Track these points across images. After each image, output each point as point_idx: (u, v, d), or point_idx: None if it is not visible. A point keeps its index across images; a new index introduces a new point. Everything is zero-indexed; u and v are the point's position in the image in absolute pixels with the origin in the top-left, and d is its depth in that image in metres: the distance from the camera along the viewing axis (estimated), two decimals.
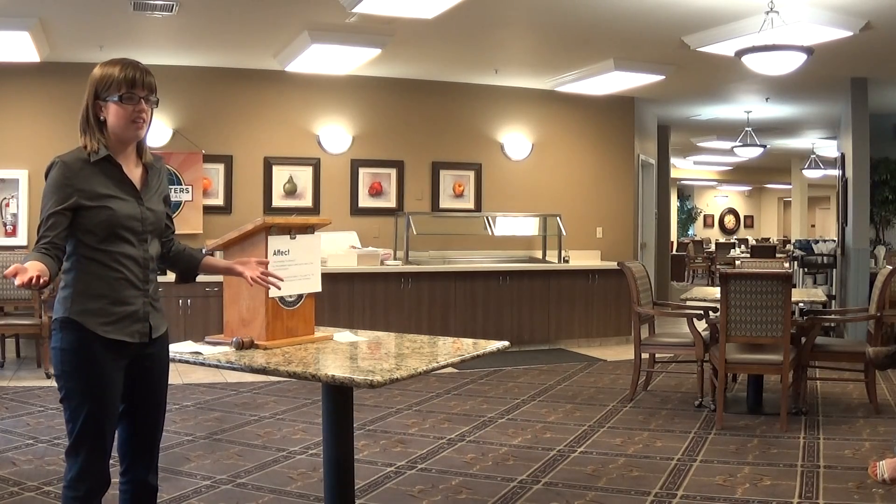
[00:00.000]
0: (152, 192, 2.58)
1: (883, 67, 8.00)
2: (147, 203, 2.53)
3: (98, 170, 2.44)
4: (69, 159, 2.43)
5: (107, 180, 2.45)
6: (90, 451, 2.41)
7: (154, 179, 2.60)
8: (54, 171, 2.42)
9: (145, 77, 2.48)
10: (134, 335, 2.48)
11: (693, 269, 19.01)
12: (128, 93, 2.44)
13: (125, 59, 2.49)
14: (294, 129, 8.59)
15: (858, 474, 4.19)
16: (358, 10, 5.73)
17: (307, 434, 5.09)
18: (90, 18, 6.41)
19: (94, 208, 2.40)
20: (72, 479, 2.41)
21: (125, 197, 2.47)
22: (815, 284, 9.68)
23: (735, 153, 12.86)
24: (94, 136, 2.46)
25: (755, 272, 5.46)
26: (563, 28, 6.74)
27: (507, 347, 3.13)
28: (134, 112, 2.46)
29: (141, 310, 2.50)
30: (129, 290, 2.47)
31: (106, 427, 2.44)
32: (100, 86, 2.45)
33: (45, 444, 4.75)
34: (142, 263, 2.50)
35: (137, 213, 2.49)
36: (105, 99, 2.45)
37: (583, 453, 4.72)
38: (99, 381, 2.41)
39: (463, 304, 8.34)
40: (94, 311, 2.41)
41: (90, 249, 2.42)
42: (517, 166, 9.42)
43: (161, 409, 2.66)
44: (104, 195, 2.43)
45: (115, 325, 2.44)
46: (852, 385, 6.31)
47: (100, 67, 2.48)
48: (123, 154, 2.52)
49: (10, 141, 7.80)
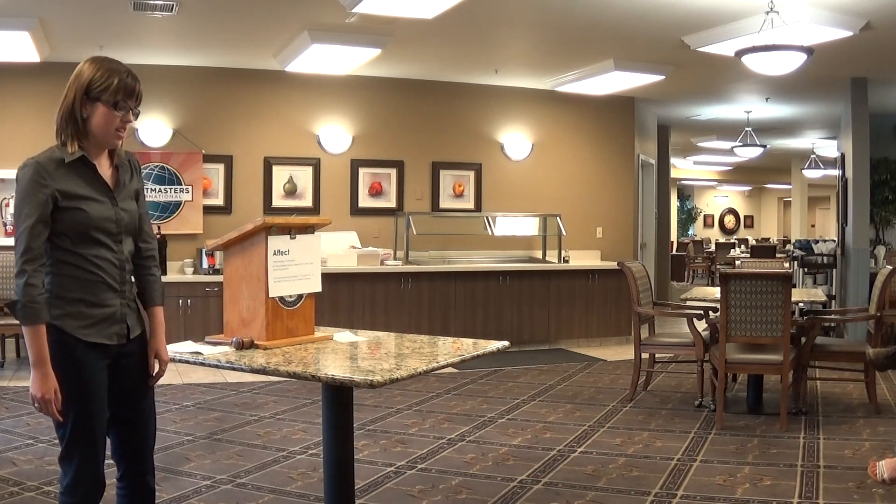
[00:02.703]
0: (124, 190, 2.51)
1: (883, 67, 8.00)
2: (121, 203, 2.48)
3: (72, 170, 2.38)
4: (43, 159, 2.37)
5: (81, 181, 2.40)
6: (82, 455, 2.39)
7: (125, 176, 2.53)
8: (28, 171, 2.35)
9: (139, 88, 2.45)
10: (112, 337, 2.45)
11: (693, 269, 19.01)
12: (123, 101, 2.41)
13: (120, 65, 2.45)
14: (294, 129, 8.59)
15: (858, 474, 4.19)
16: (358, 10, 5.73)
17: (307, 434, 5.09)
18: (90, 18, 6.41)
19: (68, 210, 2.35)
20: (67, 485, 2.39)
21: (99, 198, 2.42)
22: (815, 284, 9.68)
23: (735, 153, 12.86)
24: (74, 135, 2.40)
25: (755, 272, 5.46)
26: (563, 28, 6.74)
27: (507, 347, 3.13)
28: (122, 121, 2.43)
29: (119, 311, 2.47)
30: (106, 292, 2.43)
31: (96, 429, 2.41)
32: (93, 85, 2.39)
33: (45, 444, 4.75)
34: (118, 265, 2.46)
35: (112, 215, 2.44)
36: (94, 99, 2.39)
37: (583, 453, 4.72)
38: (84, 385, 2.38)
39: (463, 304, 8.34)
40: (73, 314, 2.38)
41: (65, 252, 2.38)
42: (517, 166, 9.42)
43: (149, 409, 2.61)
44: (79, 196, 2.38)
45: (93, 327, 2.41)
46: (852, 385, 6.31)
47: (91, 65, 2.42)
48: (97, 156, 2.46)
49: (10, 141, 7.79)
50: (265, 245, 3.02)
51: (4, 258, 7.01)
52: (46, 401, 2.31)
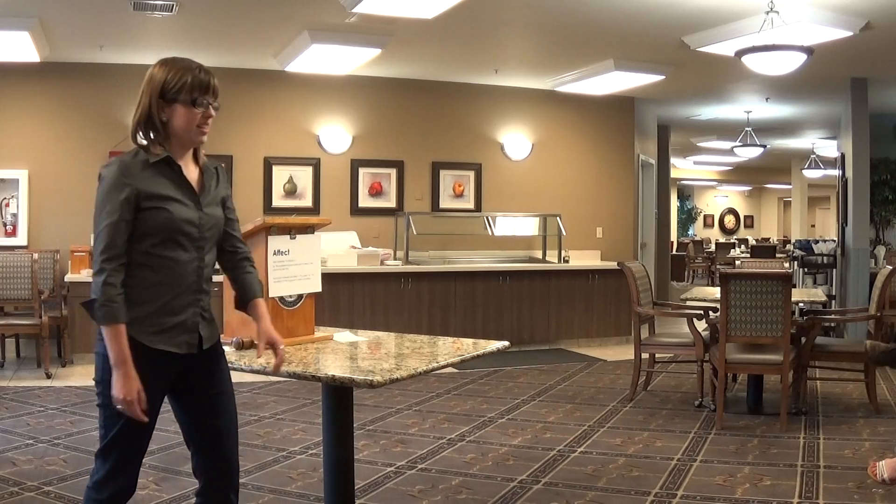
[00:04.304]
0: (209, 195, 2.46)
1: (883, 67, 8.00)
2: (205, 207, 2.42)
3: (157, 171, 2.34)
4: (127, 159, 2.32)
5: (166, 182, 2.35)
6: (119, 458, 2.33)
7: (211, 181, 2.49)
8: (112, 169, 2.29)
9: (213, 82, 2.42)
10: (181, 346, 2.37)
11: (693, 269, 19.01)
12: (201, 97, 2.38)
13: (191, 62, 2.42)
14: (294, 129, 8.59)
15: (858, 474, 4.19)
16: (358, 10, 5.73)
17: (307, 434, 5.09)
18: (90, 18, 6.41)
19: (151, 210, 2.29)
20: (97, 481, 2.34)
21: (184, 200, 2.37)
22: (815, 284, 9.68)
23: (735, 153, 12.86)
24: (155, 137, 2.36)
25: (755, 272, 5.46)
26: (563, 28, 6.74)
27: (507, 347, 3.13)
28: (203, 117, 2.40)
29: (190, 320, 2.39)
30: (179, 298, 2.36)
31: (141, 438, 2.35)
32: (167, 87, 2.35)
33: (45, 444, 4.75)
34: (196, 271, 2.39)
35: (195, 218, 2.38)
36: (171, 101, 2.35)
37: (583, 453, 4.72)
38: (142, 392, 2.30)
39: (463, 304, 8.34)
40: (142, 318, 2.30)
41: (142, 255, 2.31)
42: (517, 166, 9.42)
43: (231, 423, 2.50)
44: (163, 197, 2.32)
45: (161, 334, 2.33)
46: (852, 385, 6.31)
47: (162, 68, 2.39)
48: (182, 157, 2.42)
49: (10, 141, 7.80)
50: (265, 245, 3.02)
51: (4, 258, 7.01)
52: (129, 402, 2.23)
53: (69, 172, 7.86)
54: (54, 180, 7.86)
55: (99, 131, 7.89)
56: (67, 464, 4.38)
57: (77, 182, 7.84)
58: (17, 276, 6.96)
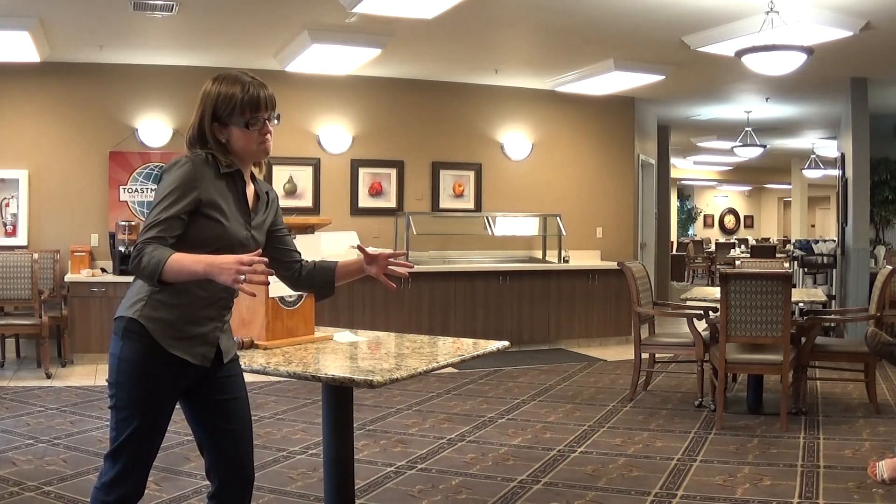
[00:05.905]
0: (258, 217, 2.43)
1: (883, 67, 7.99)
2: (254, 229, 2.39)
3: (225, 183, 2.30)
4: (199, 161, 2.26)
5: (229, 195, 2.31)
6: (129, 461, 2.31)
7: (262, 205, 2.45)
8: (182, 167, 2.24)
9: (268, 94, 2.35)
10: (197, 356, 2.33)
11: (693, 269, 19.01)
12: (253, 117, 2.32)
13: (241, 78, 2.34)
14: (294, 129, 8.59)
15: (858, 474, 4.19)
16: (358, 10, 5.73)
17: (307, 434, 5.09)
18: (90, 18, 6.41)
19: (208, 219, 2.25)
20: (105, 483, 2.32)
21: (239, 217, 2.34)
22: (815, 284, 9.67)
23: (735, 153, 12.86)
24: (221, 151, 2.32)
25: (755, 272, 5.46)
26: (563, 28, 6.74)
27: (507, 347, 3.13)
28: (260, 135, 2.36)
29: (211, 333, 2.37)
30: (207, 310, 2.34)
31: (152, 442, 2.34)
32: (218, 111, 2.30)
33: (45, 444, 4.75)
34: (227, 288, 2.30)
35: (245, 237, 2.35)
36: (225, 125, 2.31)
37: (583, 453, 4.72)
38: (153, 398, 2.29)
39: (463, 304, 8.34)
40: (165, 321, 2.26)
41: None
42: (517, 166, 9.42)
43: (245, 427, 2.47)
44: (222, 209, 2.28)
45: (181, 341, 2.29)
46: (852, 385, 6.31)
47: (215, 84, 2.33)
48: (246, 170, 2.40)
49: (10, 141, 7.80)
50: None
51: (4, 258, 7.01)
52: (244, 269, 2.05)
53: (69, 172, 7.86)
54: (54, 180, 7.85)
55: (99, 131, 7.90)
56: (67, 464, 4.38)
57: (77, 182, 7.85)
58: (17, 276, 6.96)
